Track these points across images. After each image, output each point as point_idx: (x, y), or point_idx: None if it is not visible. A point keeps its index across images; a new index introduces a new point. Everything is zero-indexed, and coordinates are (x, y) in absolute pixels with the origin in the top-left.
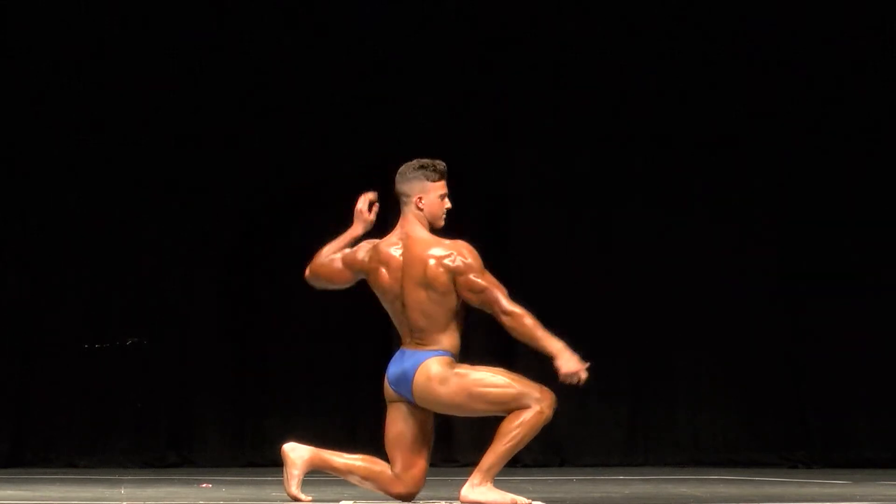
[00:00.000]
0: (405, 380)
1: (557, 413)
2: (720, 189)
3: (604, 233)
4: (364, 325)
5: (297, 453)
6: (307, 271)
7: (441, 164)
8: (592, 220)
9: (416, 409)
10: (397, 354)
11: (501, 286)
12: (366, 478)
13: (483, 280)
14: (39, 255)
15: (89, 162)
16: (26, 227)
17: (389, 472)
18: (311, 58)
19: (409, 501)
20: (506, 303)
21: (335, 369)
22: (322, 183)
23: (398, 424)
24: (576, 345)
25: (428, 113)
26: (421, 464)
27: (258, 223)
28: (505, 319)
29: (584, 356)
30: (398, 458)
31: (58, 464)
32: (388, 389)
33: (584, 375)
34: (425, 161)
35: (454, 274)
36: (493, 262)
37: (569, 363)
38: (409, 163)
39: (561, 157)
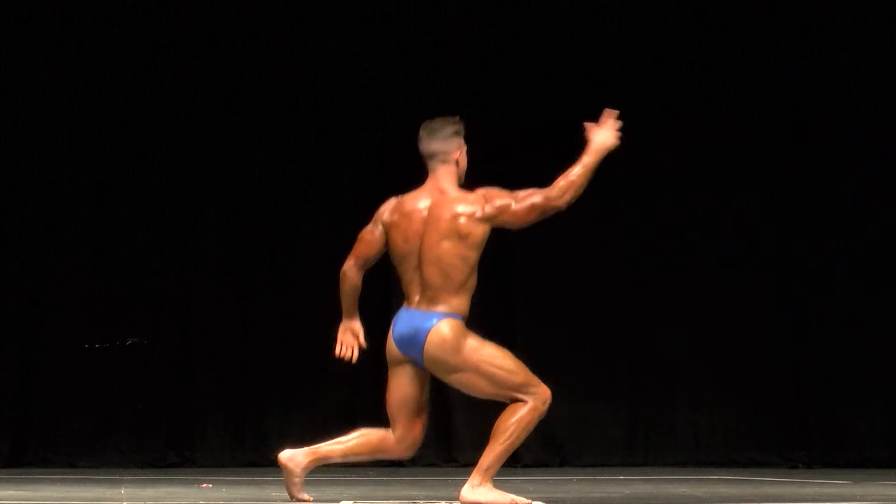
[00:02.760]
0: (416, 340)
1: (558, 413)
2: (720, 188)
3: (604, 232)
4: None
5: (294, 462)
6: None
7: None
8: (592, 219)
9: (420, 370)
10: (403, 314)
11: (533, 192)
12: (365, 452)
13: (523, 203)
14: (39, 255)
15: (89, 162)
16: (26, 226)
17: (388, 436)
18: (311, 58)
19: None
20: (550, 197)
21: (335, 369)
22: (321, 183)
23: (404, 388)
24: (576, 344)
25: (428, 113)
26: (421, 423)
27: (258, 223)
28: (562, 204)
29: (585, 356)
30: (402, 420)
31: (58, 464)
32: (394, 350)
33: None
34: (453, 118)
35: (494, 219)
36: (493, 260)
37: (602, 135)
38: (437, 121)
39: (560, 157)
